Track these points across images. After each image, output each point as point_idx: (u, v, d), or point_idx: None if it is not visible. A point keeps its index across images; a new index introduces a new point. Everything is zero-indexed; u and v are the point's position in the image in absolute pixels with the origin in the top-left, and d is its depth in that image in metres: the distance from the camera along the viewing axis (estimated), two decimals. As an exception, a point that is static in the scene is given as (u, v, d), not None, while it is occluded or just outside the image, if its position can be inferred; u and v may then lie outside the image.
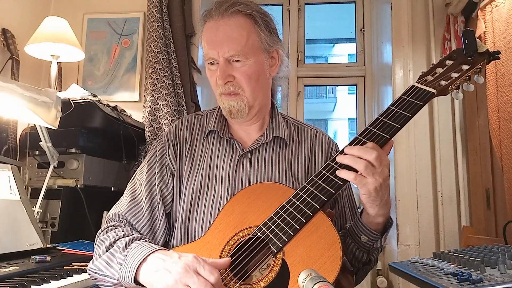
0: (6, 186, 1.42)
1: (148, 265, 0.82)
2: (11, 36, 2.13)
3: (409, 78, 2.35)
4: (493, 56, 0.93)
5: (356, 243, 0.93)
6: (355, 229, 0.93)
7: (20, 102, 1.41)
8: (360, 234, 0.92)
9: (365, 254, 0.94)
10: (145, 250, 0.85)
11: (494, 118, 1.76)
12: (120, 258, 0.87)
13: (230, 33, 0.95)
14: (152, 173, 1.04)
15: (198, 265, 0.77)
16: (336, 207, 1.05)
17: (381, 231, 0.92)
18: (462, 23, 2.14)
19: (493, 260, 1.06)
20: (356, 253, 0.95)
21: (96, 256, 0.92)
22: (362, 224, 0.91)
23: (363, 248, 0.93)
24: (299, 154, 1.06)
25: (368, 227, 0.91)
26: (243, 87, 0.98)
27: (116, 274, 0.87)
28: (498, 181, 1.84)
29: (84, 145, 1.83)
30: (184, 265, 0.77)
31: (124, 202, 1.03)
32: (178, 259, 0.79)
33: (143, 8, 2.50)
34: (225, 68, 0.96)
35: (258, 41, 0.98)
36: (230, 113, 1.00)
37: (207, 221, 0.97)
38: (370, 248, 0.93)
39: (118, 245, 0.90)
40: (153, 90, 2.26)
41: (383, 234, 0.92)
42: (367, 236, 0.91)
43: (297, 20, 3.00)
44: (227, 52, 0.95)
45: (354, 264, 0.96)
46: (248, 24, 0.97)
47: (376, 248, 0.94)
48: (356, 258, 0.95)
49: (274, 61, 1.04)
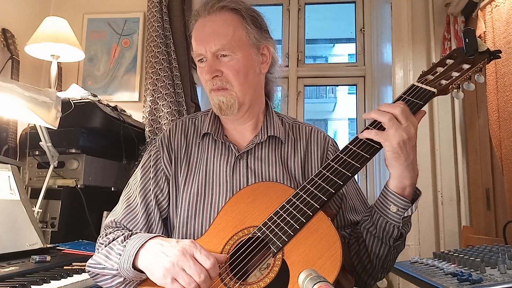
0: (6, 186, 1.42)
1: (146, 250, 0.83)
2: (11, 36, 2.13)
3: (409, 78, 2.35)
4: (494, 55, 0.93)
5: (386, 216, 0.88)
6: (383, 201, 0.89)
7: (20, 102, 1.41)
8: (389, 205, 0.87)
9: (396, 229, 0.88)
10: (144, 237, 0.86)
11: (494, 118, 1.76)
12: (119, 249, 0.88)
13: (216, 28, 0.97)
14: (147, 179, 1.03)
15: (195, 249, 0.79)
16: (345, 201, 1.03)
17: (409, 198, 0.87)
18: (462, 23, 2.14)
19: (493, 260, 1.06)
20: (386, 228, 0.89)
21: (96, 253, 0.93)
22: (389, 192, 0.87)
23: (393, 220, 0.88)
24: (295, 152, 1.05)
25: (396, 194, 0.86)
26: (231, 81, 0.97)
27: (115, 265, 0.87)
28: (498, 181, 1.84)
29: (84, 145, 1.83)
30: (181, 249, 0.79)
31: (119, 209, 1.03)
32: (176, 243, 0.81)
33: (143, 8, 2.50)
34: (213, 63, 0.97)
35: (245, 36, 0.99)
36: (220, 110, 1.00)
37: (207, 224, 0.96)
38: (401, 220, 0.87)
39: (117, 240, 0.91)
40: (153, 90, 2.26)
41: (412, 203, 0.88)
42: (396, 204, 0.86)
43: (297, 20, 3.00)
44: (214, 46, 0.96)
45: (385, 241, 0.90)
46: (235, 19, 0.98)
47: (406, 219, 0.89)
48: (387, 234, 0.89)
49: (265, 58, 1.04)
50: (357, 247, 0.95)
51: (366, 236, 0.93)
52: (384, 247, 0.92)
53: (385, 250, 0.92)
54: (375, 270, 0.95)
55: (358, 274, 0.97)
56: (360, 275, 0.97)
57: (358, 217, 1.03)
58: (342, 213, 1.03)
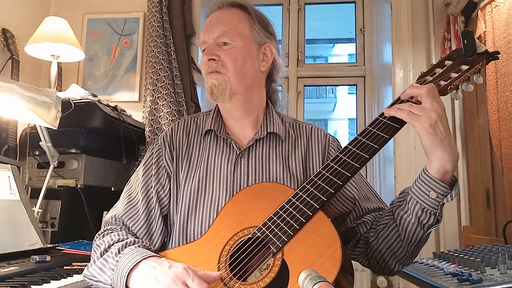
0: (6, 186, 1.42)
1: (139, 272, 0.83)
2: (11, 36, 2.13)
3: (409, 78, 2.35)
4: (492, 56, 0.93)
5: (424, 202, 0.85)
6: (422, 187, 0.85)
7: (20, 102, 1.41)
8: (428, 191, 0.84)
9: (433, 215, 0.86)
10: (137, 256, 0.85)
11: (494, 118, 1.76)
12: (113, 264, 0.87)
13: (221, 18, 1.04)
14: (149, 176, 1.04)
15: (187, 277, 0.77)
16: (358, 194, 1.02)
17: (449, 183, 0.84)
18: (462, 23, 2.14)
19: (493, 260, 1.06)
20: (423, 215, 0.86)
21: (91, 262, 0.93)
22: (429, 178, 0.84)
23: (431, 207, 0.85)
24: (295, 150, 1.06)
25: (436, 179, 0.83)
26: (227, 66, 0.99)
27: (108, 280, 0.87)
28: (498, 181, 1.84)
29: (84, 145, 1.83)
30: (173, 276, 0.77)
31: (120, 205, 1.03)
32: (168, 269, 0.79)
33: (143, 8, 2.50)
34: (212, 47, 1.01)
35: (248, 29, 1.03)
36: (211, 94, 1.01)
37: (206, 222, 0.97)
38: (439, 206, 0.85)
39: (111, 250, 0.90)
40: (153, 90, 2.26)
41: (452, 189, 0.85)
42: (436, 191, 0.84)
43: (297, 20, 3.00)
44: (216, 32, 1.01)
45: (421, 228, 0.88)
46: (241, 13, 1.04)
47: (442, 206, 0.87)
48: (423, 220, 0.87)
49: (266, 57, 1.06)
50: (387, 232, 0.93)
51: (400, 223, 0.90)
52: (418, 233, 0.89)
53: (419, 236, 0.90)
54: (405, 256, 0.93)
55: (386, 261, 0.95)
56: (387, 262, 0.95)
57: (374, 204, 1.03)
58: (358, 203, 1.01)
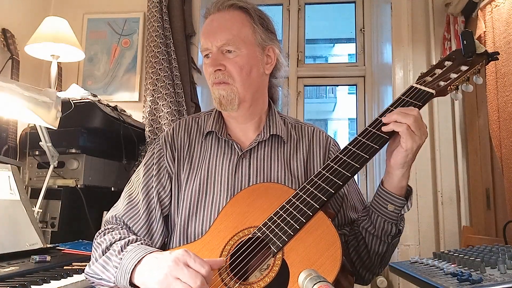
0: (6, 186, 1.42)
1: (143, 266, 0.82)
2: (11, 36, 2.13)
3: (409, 78, 2.35)
4: (492, 57, 0.93)
5: (383, 215, 0.91)
6: (380, 201, 0.92)
7: (20, 102, 1.41)
8: (386, 204, 0.90)
9: (394, 226, 0.92)
10: (140, 252, 0.85)
11: (494, 118, 1.76)
12: (116, 261, 0.87)
13: (223, 23, 0.99)
14: (150, 176, 1.03)
15: (188, 258, 0.76)
16: (346, 200, 1.04)
17: (404, 196, 0.91)
18: (462, 23, 2.14)
19: (493, 260, 1.06)
20: (385, 226, 0.92)
21: (93, 260, 0.92)
22: (386, 193, 0.90)
23: (391, 218, 0.91)
24: (297, 152, 1.06)
25: (393, 194, 0.89)
26: (233, 76, 0.98)
27: (112, 277, 0.87)
28: (498, 181, 1.84)
29: (84, 145, 1.83)
30: (174, 258, 0.76)
31: (121, 204, 1.03)
32: (168, 255, 0.79)
33: (143, 8, 2.50)
34: (217, 57, 0.99)
35: (251, 34, 1.01)
36: (220, 104, 1.00)
37: (207, 223, 0.96)
38: (398, 217, 0.91)
39: (114, 248, 0.90)
40: (153, 90, 2.26)
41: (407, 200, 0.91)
42: (394, 203, 0.90)
43: (297, 20, 3.00)
44: (219, 41, 0.98)
45: (384, 239, 0.94)
46: (243, 17, 1.01)
47: (402, 217, 0.93)
48: (386, 232, 0.93)
49: (270, 59, 1.05)
50: (356, 243, 0.98)
51: (365, 235, 0.95)
52: (383, 245, 0.95)
53: (384, 247, 0.95)
54: (373, 266, 0.99)
55: (357, 270, 1.00)
56: (358, 270, 1.00)
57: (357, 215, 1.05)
58: (343, 211, 1.04)
